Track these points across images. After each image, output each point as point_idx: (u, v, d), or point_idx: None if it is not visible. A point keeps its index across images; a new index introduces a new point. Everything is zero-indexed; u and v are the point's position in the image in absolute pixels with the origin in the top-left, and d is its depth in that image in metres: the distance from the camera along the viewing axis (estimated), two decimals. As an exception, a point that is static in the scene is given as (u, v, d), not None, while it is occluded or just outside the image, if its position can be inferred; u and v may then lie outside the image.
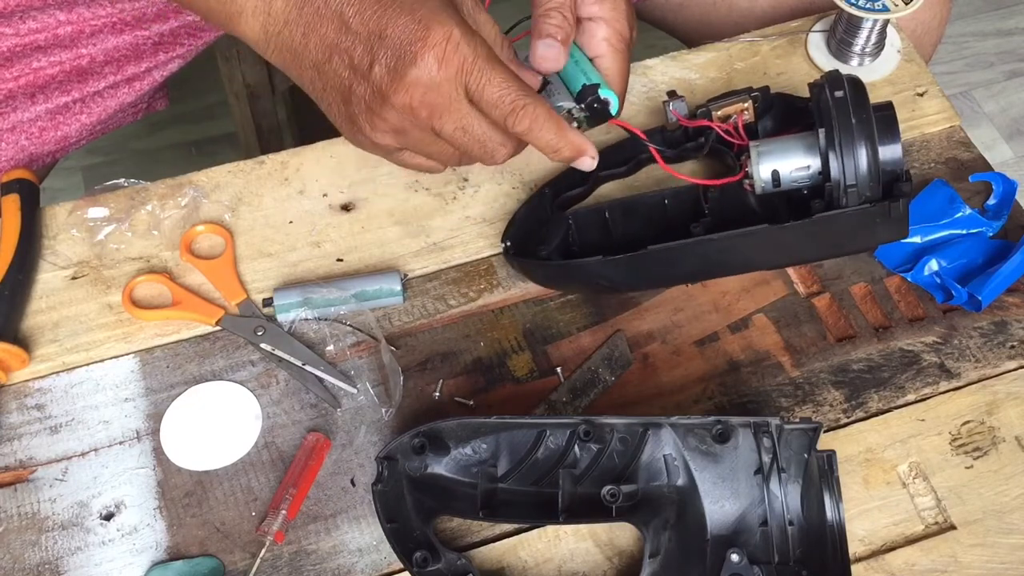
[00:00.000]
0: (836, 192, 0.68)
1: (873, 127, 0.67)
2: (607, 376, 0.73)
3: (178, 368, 0.73)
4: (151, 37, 0.90)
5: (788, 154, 0.71)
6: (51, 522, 0.68)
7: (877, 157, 0.67)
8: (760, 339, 0.74)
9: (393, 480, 0.65)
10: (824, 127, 0.68)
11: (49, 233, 0.79)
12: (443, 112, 0.66)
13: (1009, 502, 0.67)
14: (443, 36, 0.63)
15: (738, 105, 0.75)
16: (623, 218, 0.76)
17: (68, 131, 0.89)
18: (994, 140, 1.81)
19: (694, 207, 0.75)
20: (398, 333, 0.75)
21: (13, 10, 0.83)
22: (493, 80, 0.65)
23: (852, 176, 0.67)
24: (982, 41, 1.94)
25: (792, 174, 0.71)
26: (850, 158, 0.67)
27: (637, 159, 0.79)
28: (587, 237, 0.76)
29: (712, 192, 0.75)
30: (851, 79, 0.70)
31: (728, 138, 0.75)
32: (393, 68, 0.64)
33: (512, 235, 0.76)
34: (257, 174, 0.82)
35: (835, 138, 0.67)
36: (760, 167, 0.71)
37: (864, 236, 0.70)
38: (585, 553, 0.66)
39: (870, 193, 0.67)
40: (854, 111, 0.67)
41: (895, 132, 0.68)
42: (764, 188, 0.72)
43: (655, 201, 0.76)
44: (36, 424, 0.71)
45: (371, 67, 0.65)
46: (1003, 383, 0.72)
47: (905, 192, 0.67)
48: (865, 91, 0.69)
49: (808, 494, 0.64)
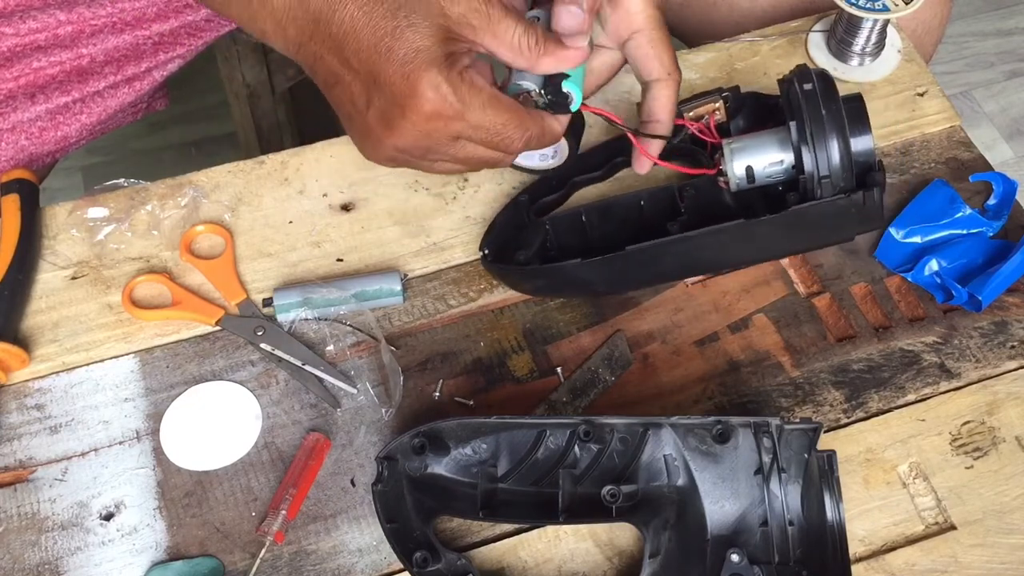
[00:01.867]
0: (810, 184, 0.68)
1: (843, 118, 0.68)
2: (607, 376, 0.73)
3: (178, 368, 0.73)
4: (151, 37, 0.90)
5: (761, 150, 0.71)
6: (51, 522, 0.68)
7: (849, 147, 0.67)
8: (760, 339, 0.74)
9: (393, 480, 0.65)
10: (795, 120, 0.69)
11: (49, 233, 0.79)
12: (437, 153, 0.67)
13: (1009, 502, 0.67)
14: (431, 93, 0.63)
15: (709, 105, 0.75)
16: (600, 220, 0.76)
17: (68, 131, 0.89)
18: (994, 140, 1.81)
19: (670, 206, 0.76)
20: (398, 333, 0.75)
21: (13, 10, 0.83)
22: (483, 125, 0.65)
23: (825, 167, 0.67)
24: (982, 41, 1.94)
25: (766, 169, 0.71)
26: (822, 149, 0.67)
27: (613, 163, 0.80)
28: (565, 241, 0.76)
29: (688, 191, 0.75)
30: (819, 72, 0.70)
31: (702, 136, 0.75)
32: (385, 114, 0.65)
33: (490, 242, 0.76)
34: (257, 174, 0.82)
35: (806, 130, 0.68)
36: (734, 164, 0.71)
37: (840, 227, 0.71)
38: (585, 553, 0.66)
39: (844, 183, 0.68)
40: (824, 103, 0.68)
41: (865, 123, 0.69)
42: (739, 185, 0.72)
43: (631, 202, 0.76)
44: (36, 424, 0.71)
45: (368, 107, 0.66)
46: (1003, 383, 0.72)
47: (878, 181, 0.68)
48: (833, 83, 0.69)
49: (808, 494, 0.64)
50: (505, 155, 0.69)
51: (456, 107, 0.64)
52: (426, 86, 0.63)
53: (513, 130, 0.66)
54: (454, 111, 0.64)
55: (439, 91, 0.63)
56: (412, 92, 0.63)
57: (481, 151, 0.67)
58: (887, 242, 0.77)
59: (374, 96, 0.65)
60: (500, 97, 0.66)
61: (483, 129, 0.65)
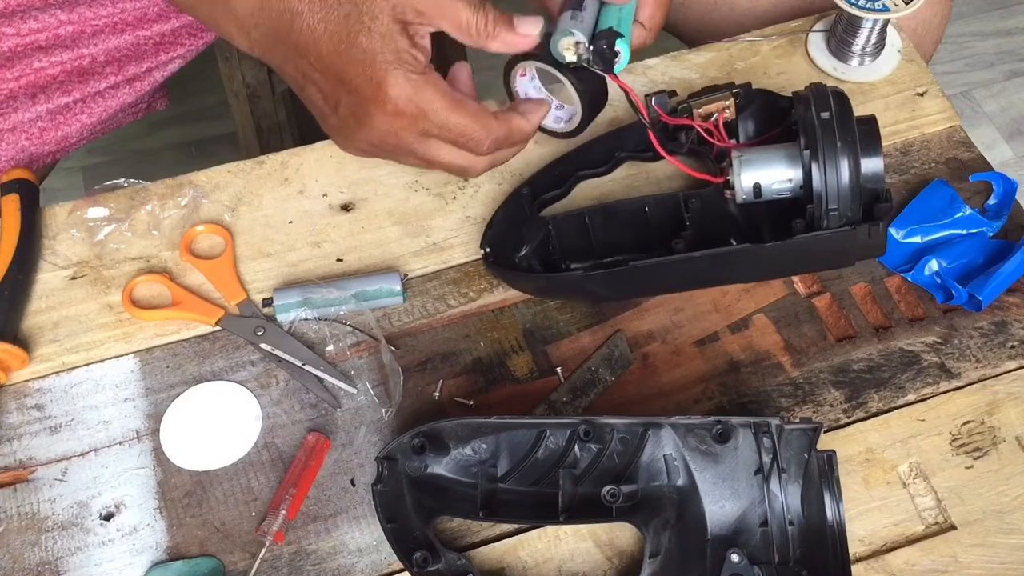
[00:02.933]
0: (817, 212, 0.68)
1: (857, 148, 0.67)
2: (607, 376, 0.73)
3: (178, 368, 0.73)
4: (152, 37, 0.90)
5: (770, 165, 0.71)
6: (51, 522, 0.68)
7: (859, 178, 0.67)
8: (760, 339, 0.74)
9: (393, 480, 0.65)
10: (808, 148, 0.68)
11: (49, 233, 0.79)
12: (407, 148, 0.70)
13: (1009, 502, 0.67)
14: (393, 92, 0.66)
15: (720, 103, 0.74)
16: (603, 224, 0.76)
17: (68, 131, 0.89)
18: (994, 140, 1.81)
19: (675, 214, 0.75)
20: (398, 333, 0.75)
21: (14, 10, 0.83)
22: (447, 126, 0.68)
23: (834, 199, 0.67)
24: (982, 41, 1.94)
25: (774, 186, 0.71)
26: (833, 181, 0.67)
27: (616, 158, 0.80)
28: (567, 243, 0.76)
29: (694, 203, 0.75)
30: (837, 94, 0.69)
31: (709, 139, 0.75)
32: (354, 112, 0.68)
33: (491, 238, 0.76)
34: (257, 174, 0.82)
35: (820, 159, 0.67)
36: (742, 177, 0.71)
37: (843, 256, 0.71)
38: (585, 553, 0.66)
39: (851, 215, 0.68)
40: (839, 132, 0.67)
41: (877, 146, 0.68)
42: (746, 199, 0.72)
43: (636, 207, 0.76)
44: (36, 424, 0.71)
45: (337, 106, 0.69)
46: (1003, 383, 0.72)
47: (884, 213, 0.68)
48: (850, 107, 0.69)
49: (808, 494, 0.64)
50: (475, 160, 0.71)
51: (419, 107, 0.67)
52: (390, 86, 0.66)
53: (477, 131, 0.68)
54: (417, 110, 0.67)
55: (402, 91, 0.66)
56: (376, 93, 0.66)
57: (450, 151, 0.70)
58: (887, 242, 0.77)
59: (342, 96, 0.68)
60: (462, 100, 0.68)
61: (447, 130, 0.68)
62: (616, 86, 0.72)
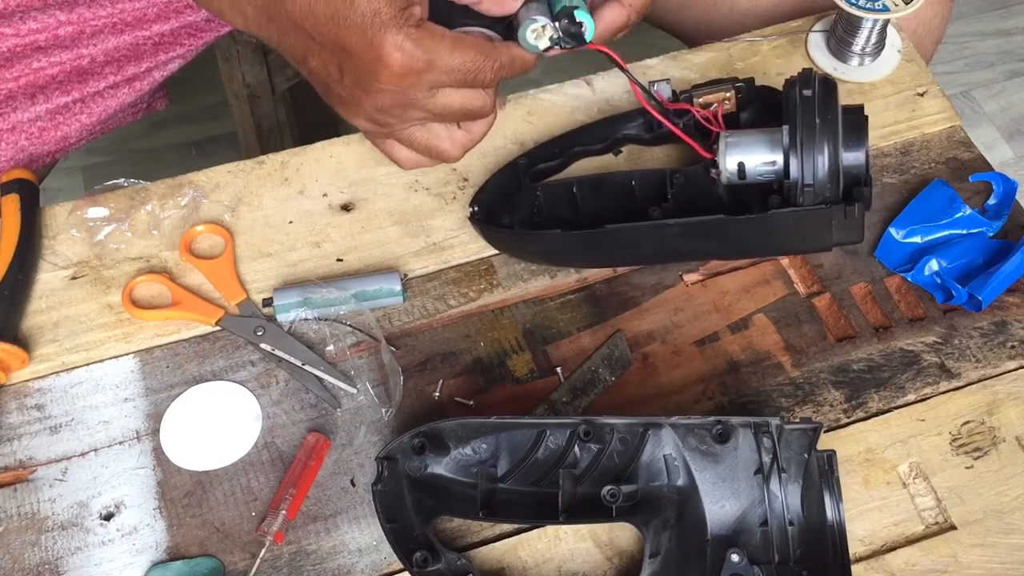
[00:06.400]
0: (793, 190, 0.68)
1: (838, 128, 0.68)
2: (607, 376, 0.73)
3: (178, 368, 0.73)
4: (151, 37, 0.90)
5: (755, 148, 0.71)
6: (51, 522, 0.68)
7: (838, 158, 0.67)
8: (760, 339, 0.74)
9: (393, 480, 0.65)
10: (788, 124, 0.69)
11: (49, 233, 0.79)
12: (416, 108, 0.69)
13: (1009, 502, 0.67)
14: (396, 53, 0.65)
15: (721, 94, 0.76)
16: (591, 195, 0.77)
17: (68, 131, 0.89)
18: (994, 140, 1.81)
19: (660, 189, 0.76)
20: (398, 333, 0.75)
21: (14, 10, 0.83)
22: (454, 67, 0.67)
23: (810, 175, 0.68)
24: (982, 41, 1.94)
25: (758, 168, 0.72)
26: (810, 157, 0.68)
27: (614, 138, 0.81)
28: (553, 210, 0.77)
29: (678, 179, 0.75)
30: (823, 79, 0.70)
31: (706, 124, 0.75)
32: (359, 80, 0.67)
33: (481, 200, 0.77)
34: (257, 174, 0.82)
35: (797, 136, 0.68)
36: (727, 157, 0.72)
37: (819, 236, 0.71)
38: (585, 553, 0.66)
39: (828, 194, 0.68)
40: (820, 111, 0.68)
41: (863, 135, 0.69)
42: (730, 179, 0.72)
43: (623, 181, 0.77)
44: (36, 424, 0.71)
45: (341, 75, 0.68)
46: (1003, 383, 0.72)
47: (863, 196, 0.68)
48: (835, 90, 0.69)
49: (808, 494, 0.64)
50: (484, 96, 0.70)
51: (424, 59, 0.66)
52: (391, 48, 0.65)
53: (484, 62, 0.68)
54: (424, 63, 0.66)
55: (404, 49, 0.65)
56: (379, 56, 0.65)
57: (459, 96, 0.69)
58: (887, 242, 0.77)
59: (345, 64, 0.67)
60: (462, 37, 0.68)
61: (455, 71, 0.67)
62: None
